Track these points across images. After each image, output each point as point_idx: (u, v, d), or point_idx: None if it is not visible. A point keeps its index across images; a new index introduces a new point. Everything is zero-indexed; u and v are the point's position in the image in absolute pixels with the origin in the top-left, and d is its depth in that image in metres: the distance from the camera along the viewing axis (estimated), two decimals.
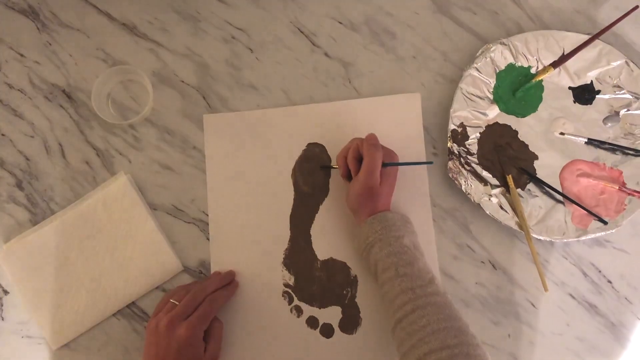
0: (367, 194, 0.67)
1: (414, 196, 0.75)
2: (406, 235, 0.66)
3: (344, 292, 0.73)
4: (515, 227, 0.72)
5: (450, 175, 0.73)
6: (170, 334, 0.63)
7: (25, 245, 0.74)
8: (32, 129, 0.78)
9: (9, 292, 0.75)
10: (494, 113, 0.76)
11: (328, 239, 0.74)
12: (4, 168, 0.77)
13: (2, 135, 0.78)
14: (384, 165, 0.68)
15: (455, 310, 0.60)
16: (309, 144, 0.77)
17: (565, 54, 0.76)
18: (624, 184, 0.73)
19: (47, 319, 0.73)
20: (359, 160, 0.69)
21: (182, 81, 0.79)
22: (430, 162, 0.72)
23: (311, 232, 0.75)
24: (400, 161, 0.71)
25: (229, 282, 0.72)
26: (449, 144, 0.74)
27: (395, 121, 0.76)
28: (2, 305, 0.74)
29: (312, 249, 0.74)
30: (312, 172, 0.76)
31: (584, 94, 0.76)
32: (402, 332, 0.59)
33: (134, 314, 0.74)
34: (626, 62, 0.75)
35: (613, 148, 0.74)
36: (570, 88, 0.76)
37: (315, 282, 0.73)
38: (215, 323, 0.68)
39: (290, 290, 0.73)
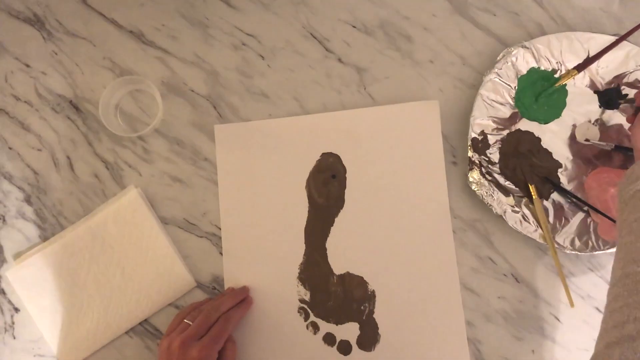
0: None
1: (432, 207, 0.72)
2: None
3: (362, 307, 0.71)
4: (539, 240, 0.69)
5: (470, 185, 0.70)
6: (183, 355, 0.61)
7: (35, 261, 0.72)
8: (39, 141, 0.76)
9: (19, 310, 0.73)
10: (515, 120, 0.72)
11: (344, 253, 0.72)
12: (12, 182, 0.75)
13: (10, 148, 0.76)
14: None
15: None
16: (323, 154, 0.74)
17: (590, 56, 0.72)
18: None
19: (58, 337, 0.72)
20: None
21: (192, 90, 0.77)
22: None
23: (327, 246, 0.72)
24: None
25: (243, 299, 0.70)
26: (469, 153, 0.71)
27: (413, 129, 0.74)
28: (13, 324, 0.73)
29: (327, 263, 0.72)
30: (327, 182, 0.74)
31: (610, 99, 0.72)
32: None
33: (147, 332, 0.72)
34: None
35: None
36: (595, 92, 0.73)
37: (332, 297, 0.71)
38: (229, 344, 0.66)
39: (306, 306, 0.71)
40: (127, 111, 0.76)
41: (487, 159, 0.71)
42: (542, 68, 0.73)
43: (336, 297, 0.71)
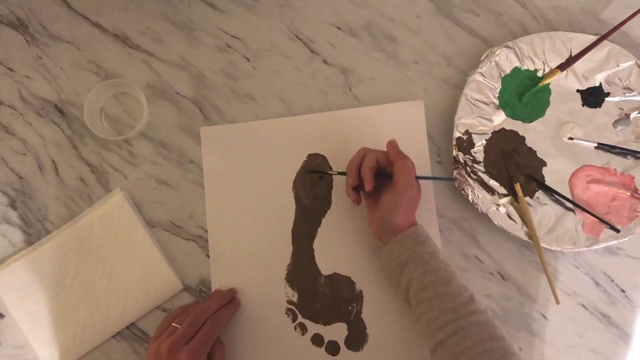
0: (408, 205, 0.64)
1: (419, 206, 0.72)
2: (438, 250, 0.63)
3: (349, 307, 0.71)
4: (525, 237, 0.69)
5: (456, 184, 0.71)
6: (171, 358, 0.61)
7: (20, 266, 0.72)
8: (24, 146, 0.76)
9: (4, 316, 0.73)
10: (500, 119, 0.73)
11: (332, 253, 0.72)
12: None
13: None
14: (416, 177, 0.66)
15: (498, 329, 0.57)
16: (310, 155, 0.75)
17: (572, 55, 0.73)
18: (636, 190, 0.70)
19: (44, 342, 0.71)
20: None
21: (177, 93, 0.76)
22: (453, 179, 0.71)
23: (314, 247, 0.72)
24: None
25: (230, 301, 0.70)
26: (454, 153, 0.71)
27: (398, 130, 0.74)
28: None
29: (315, 264, 0.72)
30: (314, 184, 0.74)
31: (593, 97, 0.73)
32: (444, 355, 0.57)
33: (134, 335, 0.72)
34: (636, 63, 0.72)
35: (624, 152, 0.71)
36: (578, 91, 0.73)
37: (320, 298, 0.71)
38: (218, 346, 0.66)
39: (293, 307, 0.71)
40: (112, 114, 0.76)
41: (472, 158, 0.72)
42: (526, 68, 0.74)
43: (324, 298, 0.71)
